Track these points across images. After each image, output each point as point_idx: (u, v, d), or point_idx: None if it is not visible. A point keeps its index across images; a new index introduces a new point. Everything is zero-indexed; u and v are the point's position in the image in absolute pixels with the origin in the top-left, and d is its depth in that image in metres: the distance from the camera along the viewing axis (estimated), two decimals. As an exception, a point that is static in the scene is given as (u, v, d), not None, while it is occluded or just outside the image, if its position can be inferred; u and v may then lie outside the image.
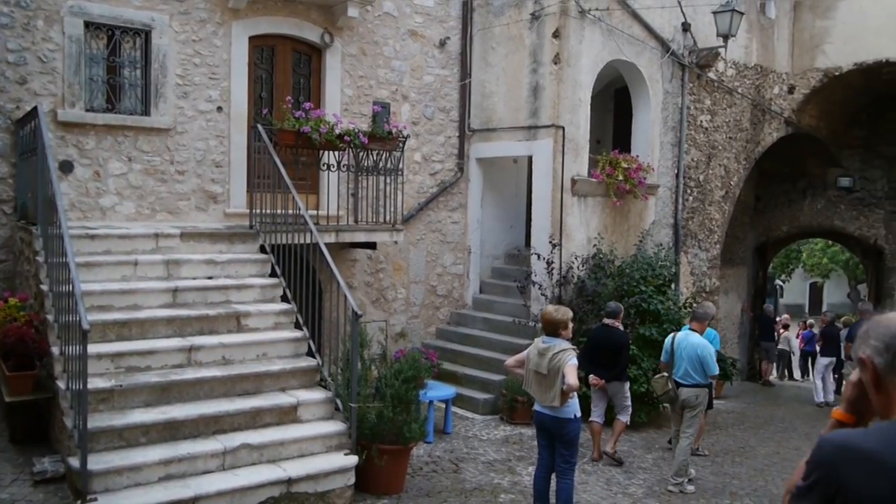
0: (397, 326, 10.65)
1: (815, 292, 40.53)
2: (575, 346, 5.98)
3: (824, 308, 33.63)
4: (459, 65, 11.16)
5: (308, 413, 6.56)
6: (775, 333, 19.19)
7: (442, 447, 8.25)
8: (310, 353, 7.16)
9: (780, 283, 38.90)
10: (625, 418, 8.46)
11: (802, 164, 17.66)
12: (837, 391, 14.28)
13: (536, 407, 6.04)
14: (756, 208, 18.46)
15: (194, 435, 5.89)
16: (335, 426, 6.53)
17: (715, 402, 13.01)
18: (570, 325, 6.00)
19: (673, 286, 11.02)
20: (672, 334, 8.18)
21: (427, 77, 10.82)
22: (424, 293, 11.00)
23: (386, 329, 10.31)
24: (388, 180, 9.03)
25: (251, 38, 9.14)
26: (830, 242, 27.36)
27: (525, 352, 6.19)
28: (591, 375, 8.35)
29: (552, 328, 5.92)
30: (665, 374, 7.93)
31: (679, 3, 11.54)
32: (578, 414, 6.00)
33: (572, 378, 5.64)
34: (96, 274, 6.75)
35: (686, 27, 12.00)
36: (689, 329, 7.97)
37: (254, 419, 6.25)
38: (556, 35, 10.25)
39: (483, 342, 10.63)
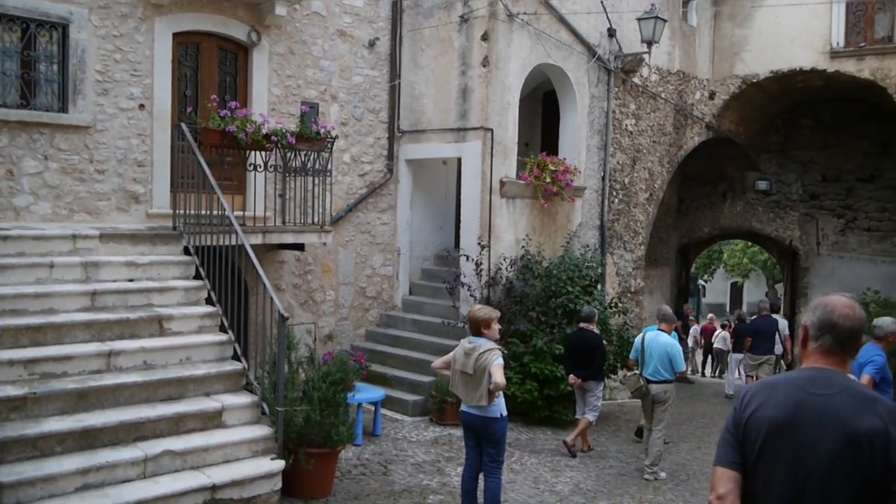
0: (326, 328, 10.57)
1: (736, 291, 41.87)
2: (501, 347, 6.03)
3: (744, 307, 34.83)
4: (389, 66, 11.14)
5: (233, 418, 6.45)
6: (689, 331, 19.71)
7: (371, 450, 8.22)
8: (235, 357, 7.03)
9: (703, 283, 40.13)
10: (591, 416, 9.01)
11: (723, 168, 18.28)
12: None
13: (463, 407, 6.07)
14: (679, 210, 19.02)
15: (114, 443, 5.71)
16: (261, 430, 6.43)
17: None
18: (495, 325, 6.02)
19: (599, 287, 11.24)
20: (641, 334, 8.62)
21: (356, 77, 10.76)
22: (353, 295, 10.94)
23: (314, 331, 10.21)
24: (316, 181, 8.94)
25: (175, 35, 8.91)
26: (749, 243, 28.33)
27: (451, 353, 6.20)
28: (570, 375, 8.99)
29: (476, 328, 5.97)
30: (637, 371, 8.38)
31: (605, 9, 11.80)
32: (505, 413, 6.05)
33: (500, 377, 5.69)
34: (8, 277, 6.49)
35: (612, 33, 12.27)
36: (658, 329, 8.41)
37: (177, 425, 6.10)
38: (484, 38, 10.33)
39: (412, 344, 10.64)
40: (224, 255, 7.41)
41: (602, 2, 11.71)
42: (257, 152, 8.42)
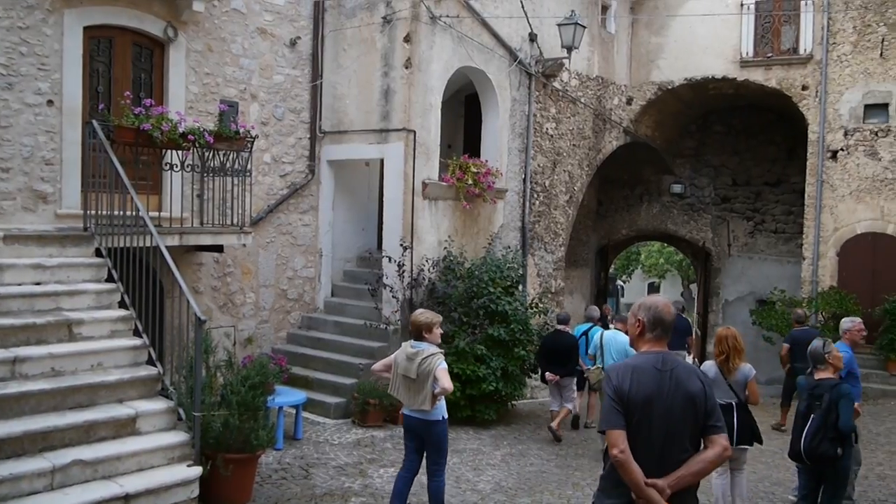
0: (246, 332, 10.37)
1: (653, 291, 43.12)
2: (443, 350, 6.05)
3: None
4: (311, 65, 11.02)
5: (148, 424, 6.27)
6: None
7: (292, 453, 8.11)
8: (150, 362, 6.83)
9: (622, 284, 41.15)
10: (570, 405, 10.02)
11: (640, 172, 18.81)
12: None
13: (405, 411, 6.06)
14: (598, 212, 19.46)
15: (18, 454, 5.46)
16: (177, 437, 6.28)
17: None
18: (437, 329, 6.03)
19: (520, 287, 11.39)
20: (600, 333, 9.55)
21: (277, 77, 10.61)
22: (274, 297, 10.78)
23: (234, 335, 10.02)
24: (235, 181, 8.77)
25: (86, 29, 8.59)
26: (666, 244, 29.21)
27: (392, 356, 6.18)
28: (546, 373, 9.87)
29: (418, 332, 5.98)
30: (600, 365, 9.17)
31: (526, 14, 11.97)
32: (445, 415, 6.07)
33: (446, 382, 5.71)
34: None
35: (533, 38, 12.47)
36: (616, 329, 9.52)
37: (87, 433, 5.89)
38: (407, 40, 10.34)
39: (335, 346, 10.56)
40: (139, 256, 7.19)
41: (523, 7, 11.88)
42: (174, 151, 8.21)
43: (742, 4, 15.09)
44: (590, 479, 8.24)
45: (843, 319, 7.68)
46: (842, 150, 14.45)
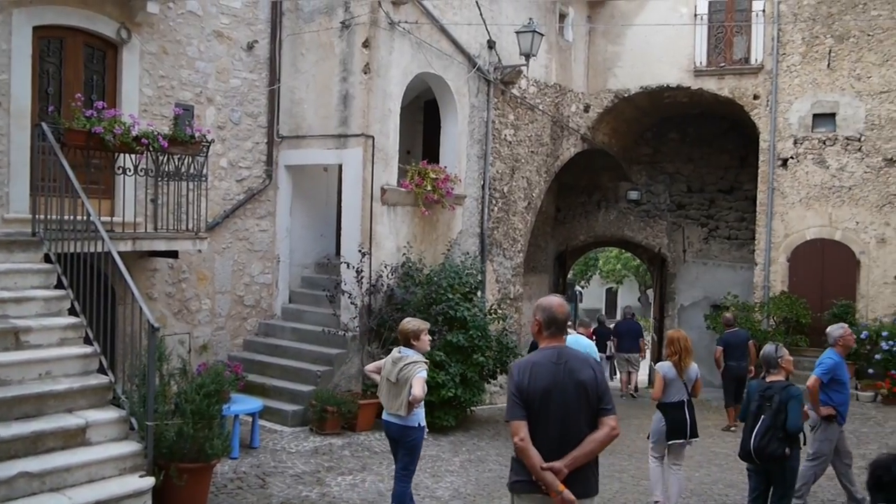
0: (201, 339, 10.21)
1: (611, 297, 43.57)
2: (427, 360, 6.15)
3: (618, 312, 36.25)
4: (268, 69, 10.92)
5: (99, 434, 6.12)
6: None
7: (248, 462, 8.00)
8: (102, 370, 6.67)
9: (580, 289, 41.50)
10: None
11: (597, 178, 19.02)
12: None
13: (384, 415, 6.16)
14: (556, 219, 19.61)
15: (-39, 466, 5.30)
16: (130, 447, 6.14)
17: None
18: (425, 336, 6.16)
19: (479, 293, 11.42)
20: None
21: (234, 80, 10.49)
22: (231, 304, 10.63)
23: (189, 342, 9.85)
24: (191, 186, 8.64)
25: (36, 29, 8.38)
26: (623, 250, 29.56)
27: (384, 359, 6.34)
28: None
29: (406, 339, 6.13)
30: None
31: (484, 21, 12.03)
32: (423, 423, 6.15)
33: (418, 390, 5.82)
34: None
35: (491, 45, 12.53)
36: (578, 333, 9.23)
37: (34, 445, 5.72)
38: (366, 45, 10.31)
39: (292, 353, 10.45)
40: (90, 262, 7.03)
41: (481, 14, 11.94)
42: (127, 155, 8.04)
43: (696, 15, 15.38)
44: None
45: (830, 327, 7.54)
46: (792, 158, 14.79)
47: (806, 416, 5.88)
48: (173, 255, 9.20)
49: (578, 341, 9.17)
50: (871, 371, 13.39)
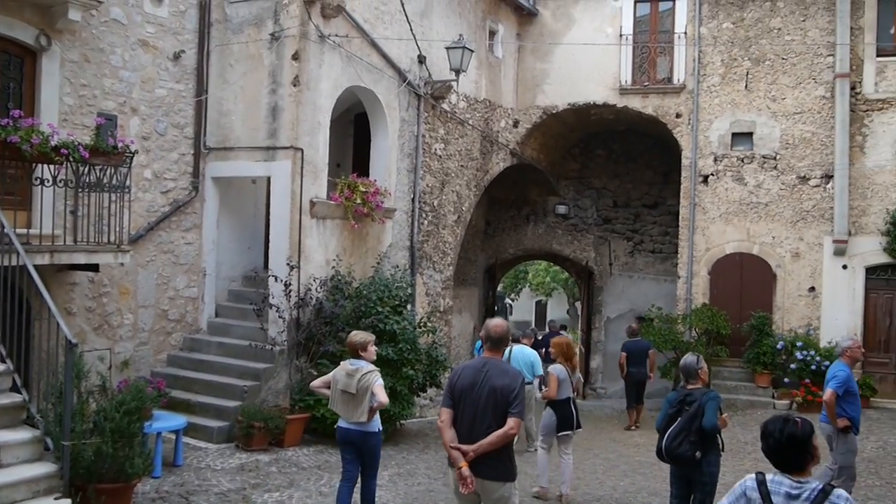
0: (123, 354, 9.92)
1: (541, 309, 44.14)
2: (378, 368, 6.64)
3: (546, 324, 36.70)
4: (195, 80, 10.75)
5: (10, 456, 5.90)
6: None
7: (171, 481, 7.80)
8: (15, 388, 6.45)
9: (510, 302, 41.93)
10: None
11: (526, 193, 19.31)
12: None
13: (341, 423, 6.52)
14: (486, 232, 19.81)
15: None
16: (44, 468, 5.94)
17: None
18: (371, 347, 6.64)
19: (409, 307, 11.44)
20: (509, 348, 10.05)
21: (160, 90, 10.29)
22: (154, 318, 10.38)
23: (109, 358, 9.57)
24: (113, 198, 8.42)
25: (-52, 34, 8.09)
26: (552, 264, 30.02)
27: (331, 373, 6.70)
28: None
29: (354, 351, 6.58)
30: None
31: (414, 36, 12.12)
32: (380, 428, 6.63)
33: (383, 397, 6.33)
34: None
35: (422, 59, 12.63)
36: (523, 344, 10.90)
37: (-59, 467, 5.49)
38: (295, 57, 10.26)
39: (218, 368, 10.26)
40: (4, 276, 6.78)
41: (412, 29, 12.03)
42: (45, 166, 7.79)
43: (621, 35, 15.82)
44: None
45: (840, 338, 7.78)
46: (712, 175, 15.33)
47: (723, 422, 6.05)
48: (94, 268, 8.93)
49: (523, 351, 10.59)
50: (786, 380, 13.94)
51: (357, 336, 6.69)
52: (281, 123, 10.34)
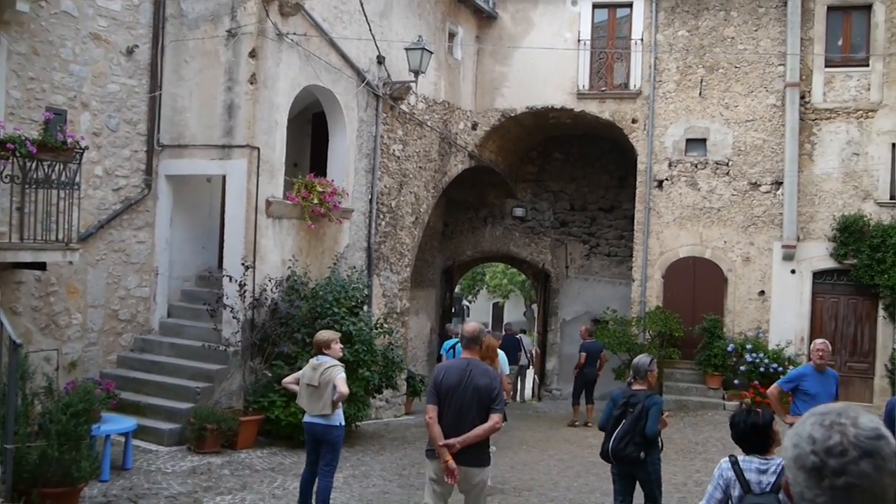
0: (71, 355, 9.68)
1: (498, 311, 44.30)
2: (342, 363, 6.92)
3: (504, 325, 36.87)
4: (149, 75, 10.56)
5: (-49, 459, 5.72)
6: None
7: (119, 485, 7.64)
8: (-44, 390, 6.24)
9: (467, 304, 42.01)
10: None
11: (484, 195, 19.37)
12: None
13: (306, 418, 6.81)
14: (444, 234, 19.82)
15: None
16: (-14, 472, 5.76)
17: (404, 417, 13.70)
18: (336, 344, 6.97)
19: (365, 308, 11.39)
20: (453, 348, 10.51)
21: (112, 86, 10.08)
22: (104, 318, 10.15)
23: (56, 358, 9.33)
24: (62, 194, 8.22)
25: None
26: (509, 266, 30.16)
27: (301, 370, 7.04)
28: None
29: (318, 348, 6.92)
30: None
31: (373, 37, 12.08)
32: (343, 422, 6.89)
33: (343, 388, 6.57)
34: None
35: (381, 60, 12.59)
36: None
37: None
38: (252, 55, 10.15)
39: (170, 369, 10.09)
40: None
41: (371, 29, 11.99)
42: (-10, 161, 7.58)
43: (579, 40, 15.97)
44: (431, 498, 8.32)
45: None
46: (667, 179, 15.57)
47: (664, 423, 6.21)
48: (41, 266, 8.71)
49: None
50: (736, 382, 14.21)
51: (323, 334, 7.06)
52: (237, 122, 10.21)
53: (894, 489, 1.51)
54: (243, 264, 9.91)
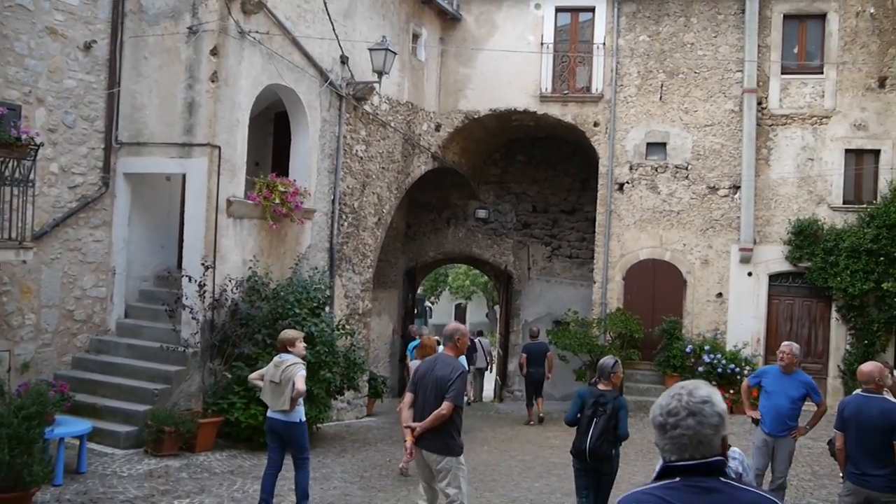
0: (24, 356, 9.44)
1: (460, 312, 44.41)
2: (304, 361, 7.18)
3: (467, 326, 36.95)
4: (108, 71, 10.36)
5: None
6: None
7: (73, 489, 7.47)
8: None
9: (430, 305, 42.03)
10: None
11: (447, 196, 19.40)
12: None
13: (269, 413, 7.03)
14: (407, 235, 19.81)
15: None
16: (-66, 476, 5.60)
17: (366, 419, 13.65)
18: (300, 343, 7.22)
19: (327, 309, 11.32)
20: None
21: (69, 81, 9.87)
22: (59, 318, 9.93)
23: (8, 360, 9.11)
24: (15, 192, 8.04)
25: None
26: (471, 267, 30.25)
27: (265, 367, 7.26)
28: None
29: (283, 346, 7.17)
30: None
31: (337, 36, 12.01)
32: (304, 419, 7.13)
33: (301, 384, 6.83)
34: None
35: (344, 60, 12.52)
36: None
37: None
38: (214, 53, 10.02)
39: (127, 370, 9.91)
40: None
41: (334, 29, 11.92)
42: (-60, 156, 7.38)
43: (542, 44, 16.09)
44: (392, 500, 8.30)
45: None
46: (627, 183, 15.75)
47: None
48: (-7, 265, 8.50)
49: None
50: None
51: (287, 333, 7.30)
52: (198, 120, 10.07)
53: (717, 438, 2.23)
54: (203, 264, 9.78)
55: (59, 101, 9.77)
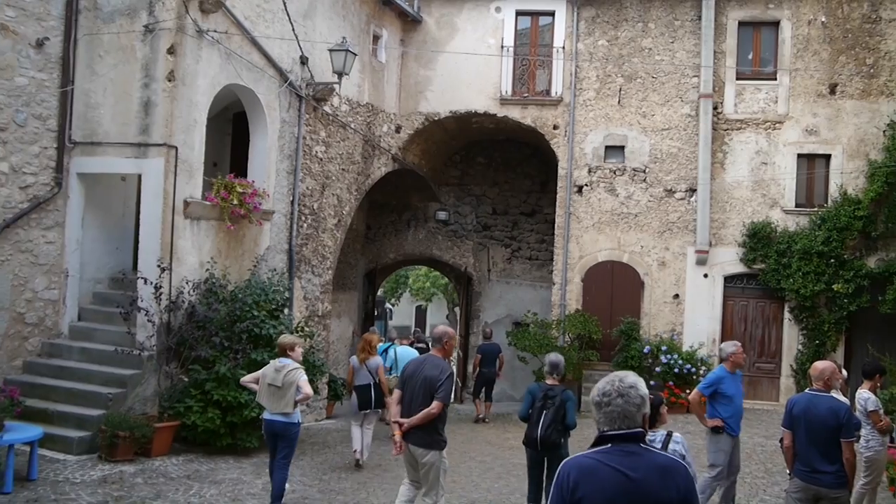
0: (-28, 360, 9.22)
1: (421, 314, 44.37)
2: (302, 366, 7.50)
3: (427, 328, 36.98)
4: (61, 69, 10.15)
5: None
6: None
7: (24, 496, 7.30)
8: None
9: (390, 307, 41.93)
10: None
11: (408, 198, 19.39)
12: None
13: (266, 415, 7.37)
14: (367, 236, 19.75)
15: None
16: None
17: (325, 421, 13.57)
18: (299, 348, 7.61)
19: (286, 311, 11.22)
20: (394, 349, 11.60)
21: (20, 79, 9.65)
22: (9, 322, 9.69)
23: (-44, 364, 8.87)
24: (-37, 192, 7.82)
25: None
26: (432, 269, 30.24)
27: (260, 371, 7.60)
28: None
29: (283, 351, 7.53)
30: (396, 374, 10.15)
31: (296, 37, 11.93)
32: (300, 420, 7.49)
33: (308, 389, 7.27)
34: None
35: (304, 60, 12.44)
36: (404, 345, 11.92)
37: None
38: (171, 52, 9.88)
39: (80, 374, 9.71)
40: None
41: (294, 29, 11.84)
42: None
43: (502, 47, 16.18)
44: (352, 502, 8.27)
45: (724, 343, 8.09)
46: (586, 185, 15.91)
47: None
48: (-60, 267, 8.27)
49: (406, 350, 11.75)
50: (652, 383, 14.59)
51: (286, 338, 7.72)
52: (154, 119, 9.91)
53: (639, 415, 2.89)
54: (159, 266, 9.63)
55: (10, 99, 9.55)
